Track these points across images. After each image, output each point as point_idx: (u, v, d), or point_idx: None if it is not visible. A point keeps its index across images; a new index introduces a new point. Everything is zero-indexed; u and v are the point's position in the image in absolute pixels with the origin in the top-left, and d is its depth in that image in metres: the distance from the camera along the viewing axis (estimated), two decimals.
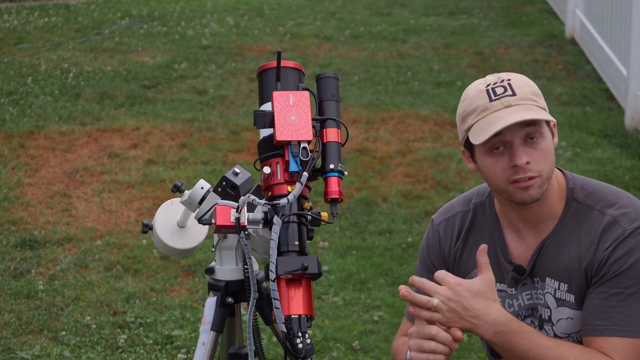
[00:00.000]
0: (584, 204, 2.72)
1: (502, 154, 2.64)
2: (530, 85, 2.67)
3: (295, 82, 2.82)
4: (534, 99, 2.64)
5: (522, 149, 2.62)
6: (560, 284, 2.72)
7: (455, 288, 2.54)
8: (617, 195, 2.73)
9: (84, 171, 7.13)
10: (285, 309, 2.60)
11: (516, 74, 2.70)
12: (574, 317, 2.72)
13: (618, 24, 8.46)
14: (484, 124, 2.63)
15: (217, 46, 10.70)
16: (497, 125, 2.59)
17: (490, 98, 2.64)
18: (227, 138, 7.84)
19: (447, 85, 9.07)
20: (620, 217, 2.67)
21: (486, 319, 2.55)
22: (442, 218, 2.91)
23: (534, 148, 2.63)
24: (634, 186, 6.64)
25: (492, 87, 2.65)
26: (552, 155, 2.66)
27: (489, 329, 2.56)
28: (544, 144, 2.63)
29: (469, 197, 2.89)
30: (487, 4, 12.71)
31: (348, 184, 6.83)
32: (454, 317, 2.54)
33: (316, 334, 4.98)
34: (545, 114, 2.63)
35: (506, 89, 2.63)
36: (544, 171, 2.64)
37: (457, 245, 2.85)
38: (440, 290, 2.55)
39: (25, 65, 9.92)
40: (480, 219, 2.84)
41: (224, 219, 2.68)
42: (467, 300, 2.54)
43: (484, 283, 2.56)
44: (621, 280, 2.64)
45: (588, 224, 2.70)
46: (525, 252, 2.76)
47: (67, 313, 5.21)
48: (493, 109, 2.63)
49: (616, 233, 2.66)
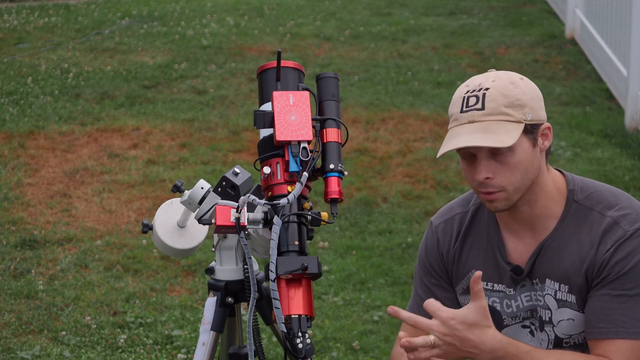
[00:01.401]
0: (584, 205, 2.72)
1: (472, 163, 2.64)
2: (509, 95, 2.59)
3: (295, 82, 2.82)
4: (505, 112, 2.58)
5: (484, 163, 2.60)
6: (560, 285, 2.71)
7: (449, 323, 2.51)
8: (618, 197, 2.72)
9: (84, 171, 7.13)
10: (285, 309, 2.60)
11: (503, 80, 2.63)
12: (575, 318, 2.72)
13: (618, 24, 8.46)
14: (449, 136, 2.63)
15: (217, 46, 10.70)
16: (450, 145, 2.59)
17: (461, 108, 2.62)
18: (227, 138, 7.84)
19: (447, 85, 9.07)
20: (620, 218, 2.67)
21: (483, 347, 2.53)
22: (440, 220, 2.90)
23: (499, 162, 2.60)
24: (634, 186, 6.63)
25: (468, 96, 2.62)
26: (523, 167, 2.61)
27: (486, 357, 2.54)
28: (512, 158, 2.60)
29: (468, 199, 2.89)
30: (487, 4, 12.71)
31: (348, 184, 6.83)
32: (451, 349, 2.53)
33: (316, 334, 4.98)
34: (497, 139, 2.55)
35: (477, 100, 2.60)
36: (508, 186, 2.61)
37: (455, 246, 2.85)
38: (433, 326, 2.51)
39: (25, 65, 9.92)
40: (479, 219, 2.84)
41: (224, 219, 2.68)
42: (462, 332, 2.51)
43: (476, 312, 2.53)
44: (623, 282, 2.63)
45: (588, 225, 2.69)
46: (524, 253, 2.76)
47: (67, 313, 5.21)
48: (460, 121, 2.62)
49: (617, 235, 2.65)
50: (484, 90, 2.61)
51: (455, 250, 2.85)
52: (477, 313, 2.52)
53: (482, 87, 2.61)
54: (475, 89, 2.62)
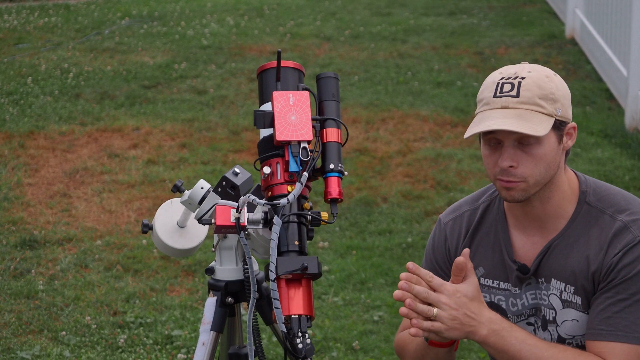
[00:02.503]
0: (595, 207, 2.72)
1: (496, 150, 2.65)
2: (544, 88, 2.61)
3: (295, 82, 2.82)
4: (539, 103, 2.60)
5: (510, 151, 2.62)
6: (566, 286, 2.71)
7: (456, 295, 2.55)
8: (630, 202, 2.72)
9: (84, 171, 7.13)
10: (285, 309, 2.60)
11: (538, 72, 2.65)
12: (579, 319, 2.72)
13: (618, 24, 8.46)
14: (478, 119, 2.64)
15: (217, 46, 10.70)
16: (482, 127, 2.60)
17: (495, 93, 2.63)
18: (227, 138, 7.84)
19: (447, 85, 9.07)
20: (631, 223, 2.67)
21: (482, 319, 2.57)
22: (449, 217, 2.91)
23: (525, 152, 2.62)
24: (634, 186, 6.64)
25: (503, 82, 2.63)
26: (547, 161, 2.63)
27: (484, 329, 2.57)
28: (539, 149, 2.62)
29: (478, 196, 2.89)
30: (487, 4, 12.71)
31: (348, 184, 6.83)
32: (455, 324, 2.55)
33: (316, 334, 4.98)
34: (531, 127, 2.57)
35: (512, 88, 2.62)
36: (530, 177, 2.63)
37: (464, 243, 2.85)
38: (442, 298, 2.54)
39: (25, 65, 9.92)
40: (488, 217, 2.84)
41: (224, 219, 2.68)
42: (467, 305, 2.56)
43: (473, 287, 2.59)
44: (628, 286, 2.64)
45: (598, 227, 2.70)
46: (531, 252, 2.76)
47: (67, 313, 5.21)
48: (492, 105, 2.63)
49: (626, 239, 2.66)
50: (520, 79, 2.63)
51: (464, 247, 2.85)
52: (474, 288, 2.58)
53: (518, 76, 2.63)
54: (511, 77, 2.64)
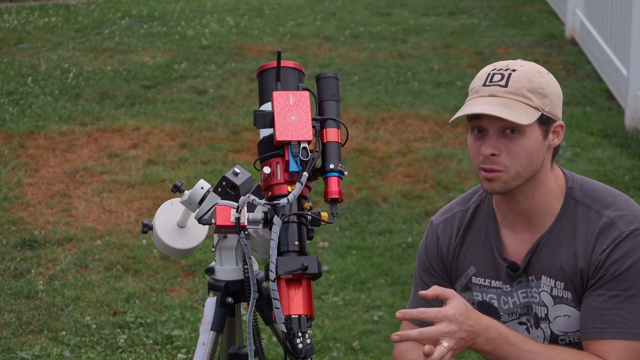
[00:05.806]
0: (581, 203, 2.73)
1: (480, 138, 2.67)
2: (534, 81, 2.64)
3: (295, 82, 2.82)
4: (526, 95, 2.62)
5: (494, 139, 2.64)
6: (556, 282, 2.72)
7: (457, 318, 2.54)
8: (616, 197, 2.73)
9: (84, 171, 7.13)
10: (285, 309, 2.60)
11: (531, 67, 2.68)
12: (571, 314, 2.72)
13: (618, 24, 8.46)
14: (466, 105, 2.67)
15: (217, 46, 10.70)
16: (466, 110, 2.63)
17: (484, 82, 2.66)
18: (227, 138, 7.84)
19: (447, 85, 9.07)
20: (617, 219, 2.68)
21: (480, 329, 2.57)
22: (441, 219, 2.92)
23: (510, 141, 2.64)
24: (633, 186, 6.64)
25: (494, 73, 2.67)
26: (529, 153, 2.64)
27: (481, 338, 2.57)
28: (523, 141, 2.63)
29: (469, 197, 2.91)
30: (487, 4, 12.71)
31: (348, 184, 6.83)
32: (460, 343, 2.55)
33: (316, 334, 4.98)
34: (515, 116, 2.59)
35: (502, 78, 2.65)
36: (512, 168, 2.64)
37: (455, 243, 2.86)
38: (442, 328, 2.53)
39: (25, 65, 9.92)
40: (479, 216, 2.86)
41: (224, 219, 2.68)
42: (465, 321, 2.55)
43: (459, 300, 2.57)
44: (619, 282, 2.64)
45: (584, 223, 2.71)
46: (520, 249, 2.77)
47: (67, 313, 5.21)
48: (480, 93, 2.66)
49: (613, 235, 2.66)
50: (511, 70, 2.66)
51: (455, 247, 2.86)
52: (460, 301, 2.57)
53: (509, 68, 2.67)
54: (502, 69, 2.67)
